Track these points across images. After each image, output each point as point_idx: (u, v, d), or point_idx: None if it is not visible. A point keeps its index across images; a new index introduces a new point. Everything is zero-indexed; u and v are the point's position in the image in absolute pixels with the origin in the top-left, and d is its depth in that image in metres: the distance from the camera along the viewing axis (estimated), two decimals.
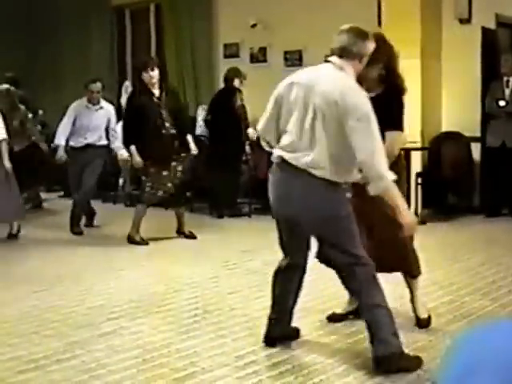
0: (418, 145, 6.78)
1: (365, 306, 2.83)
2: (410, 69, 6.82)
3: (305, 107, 2.77)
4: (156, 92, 5.53)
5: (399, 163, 3.25)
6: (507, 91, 6.51)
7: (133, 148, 5.50)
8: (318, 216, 2.81)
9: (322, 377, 2.75)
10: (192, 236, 5.78)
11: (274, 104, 2.92)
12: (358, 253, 2.83)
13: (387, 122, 3.00)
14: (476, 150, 6.91)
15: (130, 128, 5.53)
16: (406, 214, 2.71)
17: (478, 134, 6.81)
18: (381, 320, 2.76)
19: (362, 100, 2.72)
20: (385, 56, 3.07)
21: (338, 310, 3.45)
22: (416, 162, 6.76)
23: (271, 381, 2.74)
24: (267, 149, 3.08)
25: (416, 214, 6.68)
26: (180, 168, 5.58)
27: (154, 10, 9.31)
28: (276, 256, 3.15)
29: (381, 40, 3.10)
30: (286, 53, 8.03)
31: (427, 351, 2.97)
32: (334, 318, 3.40)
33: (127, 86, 8.65)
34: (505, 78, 6.52)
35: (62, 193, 8.90)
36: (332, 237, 2.86)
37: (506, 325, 0.87)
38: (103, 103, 6.15)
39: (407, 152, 6.58)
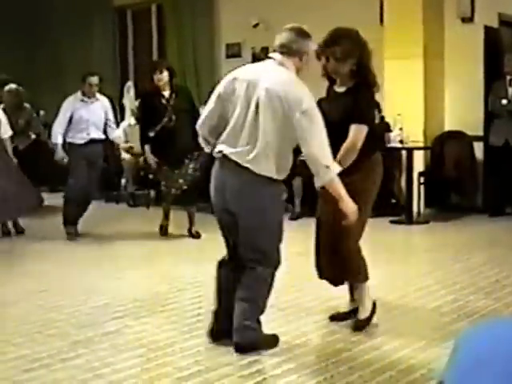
0: (421, 144, 6.78)
1: (243, 299, 2.92)
2: (412, 68, 6.84)
3: (248, 102, 2.78)
4: (166, 93, 5.62)
5: (372, 162, 3.25)
6: (510, 90, 6.51)
7: (147, 148, 5.64)
8: (249, 207, 2.84)
9: (326, 375, 2.75)
10: (197, 236, 5.80)
11: (216, 100, 2.91)
12: (268, 251, 2.91)
13: (354, 116, 3.10)
14: (479, 149, 6.90)
15: (143, 128, 5.70)
16: (349, 203, 2.85)
17: (481, 133, 6.81)
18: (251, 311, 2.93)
19: (305, 94, 2.77)
20: (357, 52, 3.13)
21: (342, 309, 3.46)
22: (419, 162, 6.76)
23: (275, 379, 2.74)
24: (206, 148, 3.09)
25: (419, 213, 6.68)
26: (192, 165, 5.64)
27: (156, 10, 9.32)
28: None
29: (353, 36, 3.18)
30: None
31: (431, 350, 2.97)
32: (337, 318, 3.41)
33: (129, 86, 8.67)
34: (508, 77, 6.52)
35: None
36: (252, 229, 2.86)
37: (509, 321, 0.87)
38: (98, 95, 6.05)
39: (410, 151, 6.59)
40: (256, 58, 8.23)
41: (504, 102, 6.46)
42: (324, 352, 2.99)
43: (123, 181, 8.06)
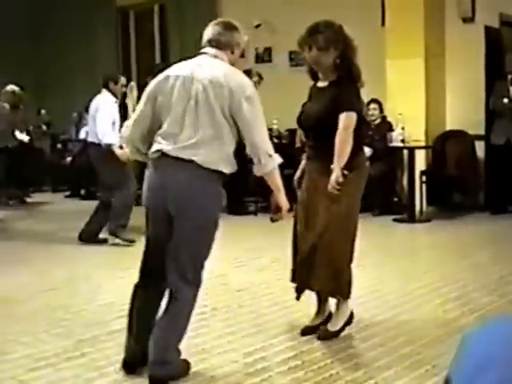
0: (422, 143, 6.79)
1: (167, 329, 2.67)
2: (413, 68, 6.86)
3: (186, 97, 2.64)
4: None
5: (358, 159, 3.13)
6: (511, 89, 6.52)
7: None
8: (195, 206, 2.62)
9: (332, 372, 2.76)
10: None
11: (146, 101, 2.74)
12: (199, 271, 2.71)
13: (340, 106, 3.01)
14: (480, 148, 6.92)
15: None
16: (284, 198, 2.73)
17: (483, 132, 6.83)
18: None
19: (246, 81, 2.70)
20: (340, 44, 3.07)
21: (311, 323, 3.26)
22: (420, 161, 6.78)
23: (280, 376, 2.75)
24: (134, 155, 2.86)
25: (421, 211, 6.70)
26: None
27: (158, 10, 9.34)
28: (284, 253, 3.17)
29: (336, 28, 3.12)
30: (291, 53, 8.06)
31: (435, 347, 2.99)
32: (307, 331, 3.21)
33: (132, 86, 8.67)
34: (509, 77, 6.54)
35: (68, 193, 8.94)
36: (193, 232, 2.64)
37: None
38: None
39: (411, 150, 6.61)
40: (259, 58, 8.27)
41: (505, 101, 6.48)
42: (330, 349, 3.00)
43: None
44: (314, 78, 3.25)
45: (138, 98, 8.47)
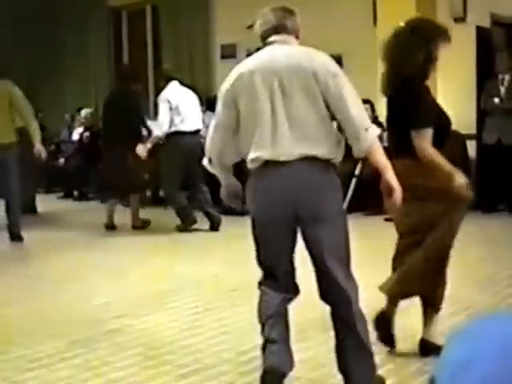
0: None
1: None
2: None
3: (270, 92, 2.38)
4: None
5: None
6: (502, 89, 6.57)
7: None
8: (333, 208, 2.40)
9: (324, 370, 2.79)
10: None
11: (226, 110, 2.47)
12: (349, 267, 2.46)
13: None
14: (472, 147, 6.96)
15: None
16: (393, 176, 2.40)
17: (474, 132, 6.87)
18: None
19: (327, 59, 2.46)
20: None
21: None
22: None
23: None
24: (218, 173, 2.62)
25: None
26: None
27: (151, 11, 9.35)
28: None
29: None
30: None
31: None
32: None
33: None
34: (500, 76, 6.58)
35: (61, 194, 8.93)
36: (337, 237, 2.42)
37: (504, 315, 0.88)
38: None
39: None
40: None
41: (496, 100, 6.52)
42: (322, 348, 3.02)
43: None
44: None
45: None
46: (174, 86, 6.14)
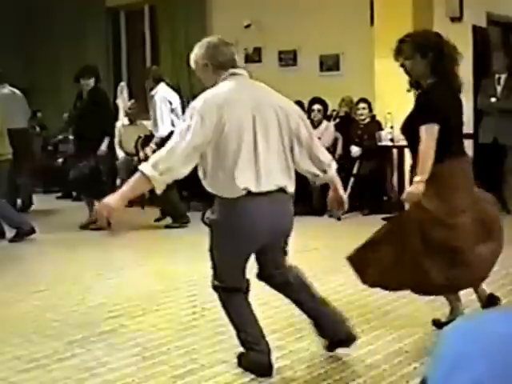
0: None
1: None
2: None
3: (253, 126, 2.55)
4: None
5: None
6: (499, 88, 6.58)
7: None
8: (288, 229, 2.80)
9: (320, 371, 2.79)
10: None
11: (203, 125, 2.51)
12: None
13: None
14: (468, 146, 6.95)
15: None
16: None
17: (470, 131, 6.87)
18: None
19: (290, 101, 2.82)
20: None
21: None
22: (409, 160, 6.80)
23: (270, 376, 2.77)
24: (159, 184, 2.69)
25: None
26: None
27: (149, 11, 9.34)
28: None
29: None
30: (280, 53, 8.09)
31: (424, 344, 3.02)
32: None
33: (122, 86, 8.68)
34: (496, 76, 6.59)
35: (59, 194, 8.92)
36: (278, 250, 2.86)
37: (496, 313, 0.87)
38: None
39: (401, 149, 6.64)
40: (249, 59, 8.28)
41: (493, 99, 6.53)
42: (318, 348, 3.03)
43: (118, 181, 8.07)
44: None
45: (129, 97, 8.50)
46: (164, 87, 6.19)
